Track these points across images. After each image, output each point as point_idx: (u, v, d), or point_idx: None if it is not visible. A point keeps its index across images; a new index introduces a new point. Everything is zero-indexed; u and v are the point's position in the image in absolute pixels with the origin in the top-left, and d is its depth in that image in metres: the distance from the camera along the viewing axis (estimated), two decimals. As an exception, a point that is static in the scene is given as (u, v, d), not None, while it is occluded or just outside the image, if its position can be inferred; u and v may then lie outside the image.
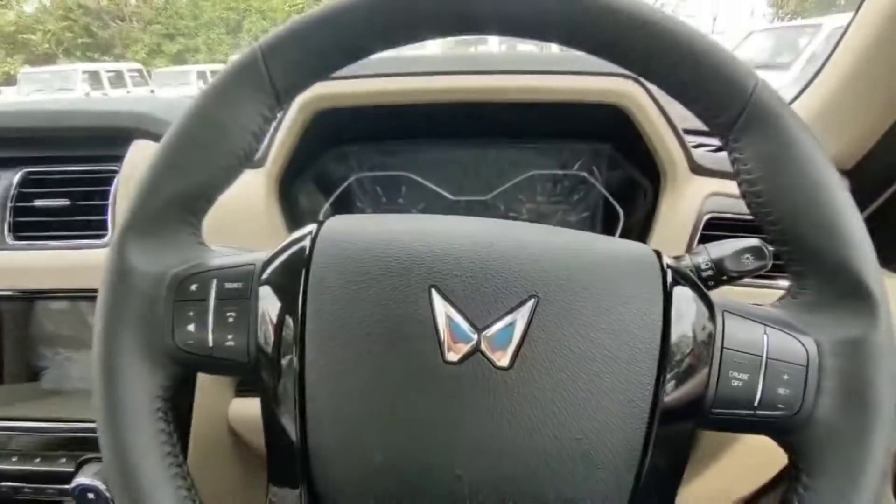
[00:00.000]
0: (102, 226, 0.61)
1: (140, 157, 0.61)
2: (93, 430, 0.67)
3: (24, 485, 0.69)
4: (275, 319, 0.33)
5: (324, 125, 0.61)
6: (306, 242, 0.34)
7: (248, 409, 0.71)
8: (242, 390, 0.71)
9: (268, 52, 0.34)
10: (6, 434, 0.68)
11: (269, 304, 0.34)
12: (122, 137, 0.62)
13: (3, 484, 0.70)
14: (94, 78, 11.35)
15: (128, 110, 0.61)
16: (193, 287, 0.35)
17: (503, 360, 0.29)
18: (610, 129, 0.64)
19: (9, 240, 0.61)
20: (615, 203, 0.70)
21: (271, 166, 0.63)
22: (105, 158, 0.63)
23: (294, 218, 0.64)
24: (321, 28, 0.33)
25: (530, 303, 0.29)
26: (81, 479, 0.65)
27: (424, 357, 0.29)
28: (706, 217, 0.59)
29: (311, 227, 0.35)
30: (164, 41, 19.05)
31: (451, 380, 0.29)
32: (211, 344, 0.34)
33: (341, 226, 0.34)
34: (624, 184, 0.69)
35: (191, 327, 0.35)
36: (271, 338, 0.33)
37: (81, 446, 0.67)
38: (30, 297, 0.62)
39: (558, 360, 0.29)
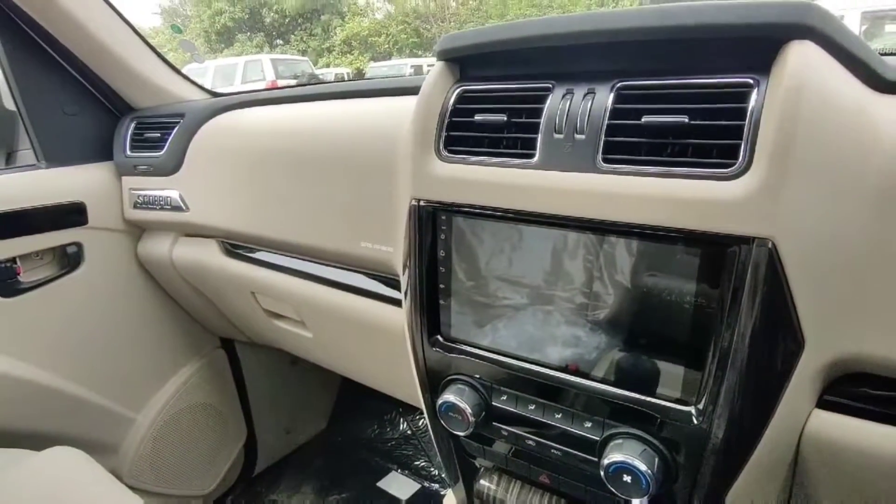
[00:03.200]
0: (732, 153, 0.47)
1: (803, 66, 0.45)
2: (634, 402, 0.55)
3: (533, 436, 0.63)
4: None
5: None
6: None
7: (836, 428, 0.51)
8: (831, 402, 0.52)
9: None
10: (513, 373, 0.62)
11: None
12: (774, 40, 0.47)
13: (509, 428, 0.66)
14: (418, 70, 13.29)
15: (789, 2, 0.46)
16: None
17: None
18: None
19: (601, 163, 0.53)
20: None
21: None
22: (732, 69, 0.49)
23: None
24: None
25: None
26: (615, 457, 0.55)
27: None
28: None
29: None
30: (473, 39, 21.07)
31: None
32: None
33: None
34: None
35: None
36: None
37: (610, 414, 0.57)
38: (612, 232, 0.53)
39: None
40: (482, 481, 0.77)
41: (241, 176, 1.01)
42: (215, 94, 1.27)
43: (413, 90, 0.69)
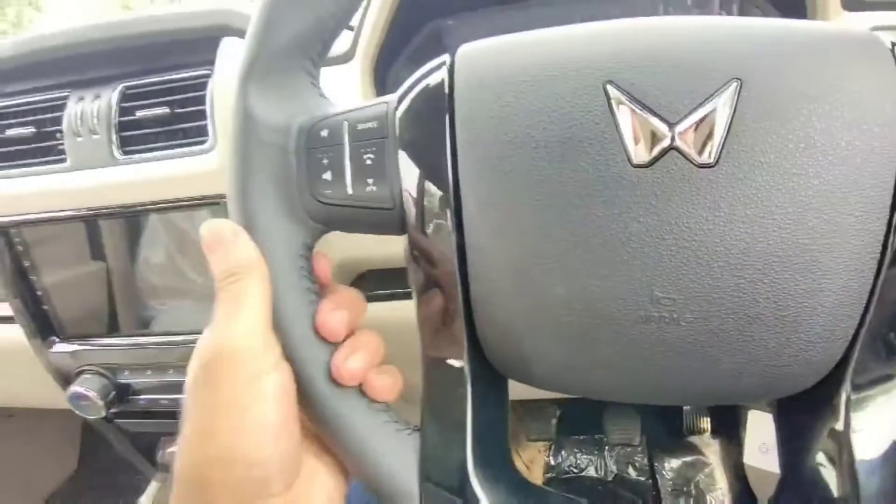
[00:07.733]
0: (203, 132, 0.60)
1: (231, 57, 0.59)
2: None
3: (161, 396, 0.73)
4: (420, 154, 0.30)
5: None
6: (443, 71, 0.29)
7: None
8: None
9: None
10: (140, 349, 0.71)
11: (410, 138, 0.30)
12: (213, 38, 0.60)
13: (143, 397, 0.74)
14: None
15: (214, 8, 0.59)
16: (324, 133, 0.32)
17: (706, 155, 0.24)
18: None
19: (118, 155, 0.62)
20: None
21: (363, 58, 0.60)
22: (198, 63, 0.61)
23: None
24: None
25: (732, 87, 0.24)
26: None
27: (606, 163, 0.25)
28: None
29: (443, 56, 0.31)
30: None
31: (641, 185, 0.25)
32: (350, 191, 0.31)
33: (483, 45, 0.30)
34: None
35: (327, 175, 0.32)
36: (416, 175, 0.29)
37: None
38: (136, 213, 0.63)
39: (774, 151, 0.24)
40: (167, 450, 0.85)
41: None
42: None
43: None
